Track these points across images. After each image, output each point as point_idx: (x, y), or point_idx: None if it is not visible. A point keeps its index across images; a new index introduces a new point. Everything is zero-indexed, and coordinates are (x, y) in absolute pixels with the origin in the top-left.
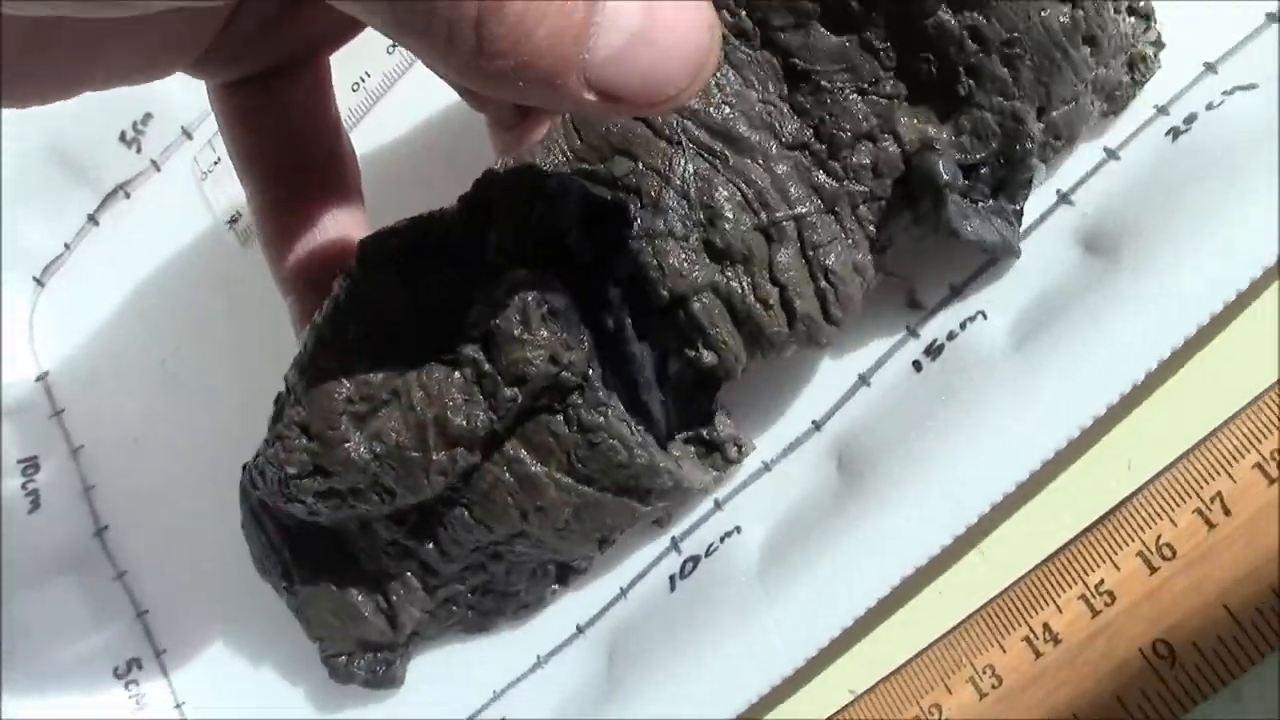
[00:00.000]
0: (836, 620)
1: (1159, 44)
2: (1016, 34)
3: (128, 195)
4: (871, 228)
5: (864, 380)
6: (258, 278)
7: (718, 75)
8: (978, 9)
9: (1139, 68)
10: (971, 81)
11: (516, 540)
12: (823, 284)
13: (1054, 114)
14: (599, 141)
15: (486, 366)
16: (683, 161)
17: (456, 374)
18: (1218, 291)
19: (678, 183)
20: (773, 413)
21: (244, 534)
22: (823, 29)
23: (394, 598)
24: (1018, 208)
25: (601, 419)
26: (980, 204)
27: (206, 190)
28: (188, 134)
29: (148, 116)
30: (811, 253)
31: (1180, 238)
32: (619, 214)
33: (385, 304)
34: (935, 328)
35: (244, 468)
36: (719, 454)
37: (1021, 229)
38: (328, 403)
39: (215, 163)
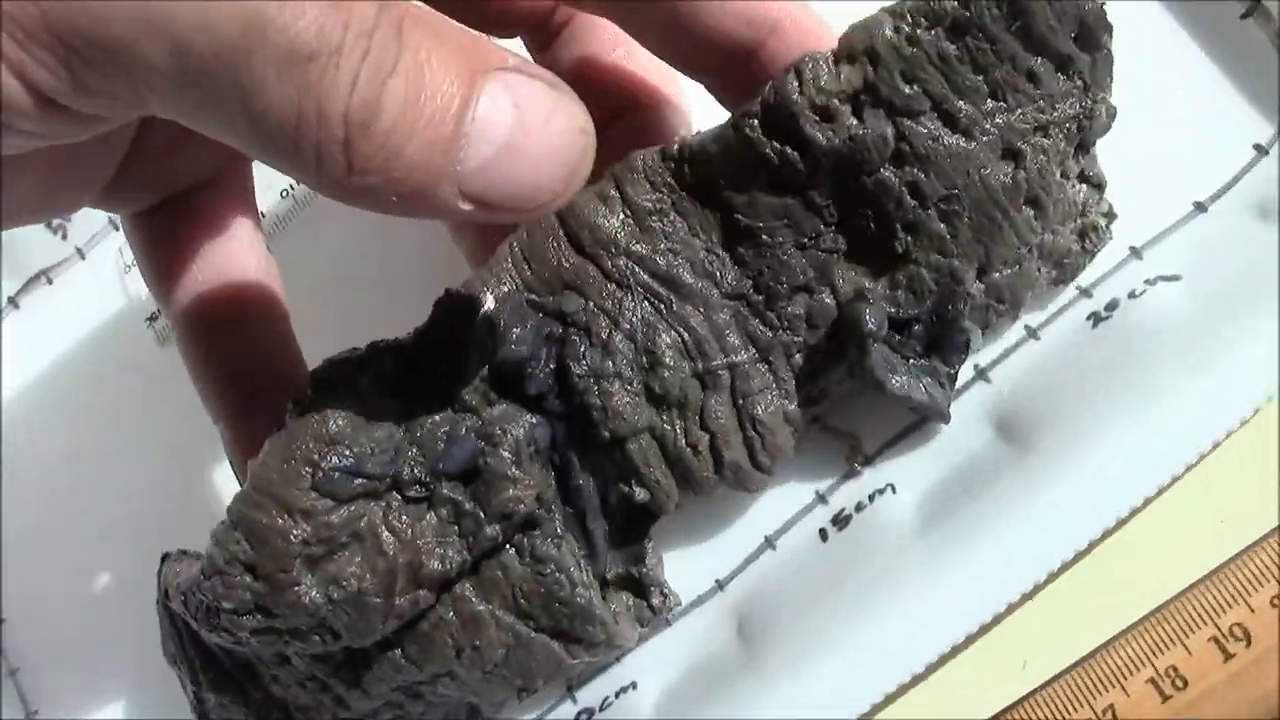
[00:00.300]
0: None
1: (1110, 215)
2: (955, 190)
3: (50, 281)
4: (803, 378)
5: (769, 543)
6: (173, 377)
7: (664, 223)
8: (918, 165)
9: (1090, 237)
10: (909, 238)
11: (441, 680)
12: (750, 433)
13: (995, 276)
14: (549, 275)
15: (467, 505)
16: (632, 305)
17: (430, 514)
18: (1122, 498)
19: (626, 326)
20: (681, 569)
21: (156, 612)
22: (764, 189)
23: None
24: (951, 370)
25: (555, 550)
26: (911, 360)
27: (128, 284)
28: (114, 225)
29: None
30: (741, 401)
31: (1091, 434)
32: (571, 351)
33: (342, 437)
34: (845, 496)
35: (164, 557)
36: (646, 603)
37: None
38: (281, 544)
39: None
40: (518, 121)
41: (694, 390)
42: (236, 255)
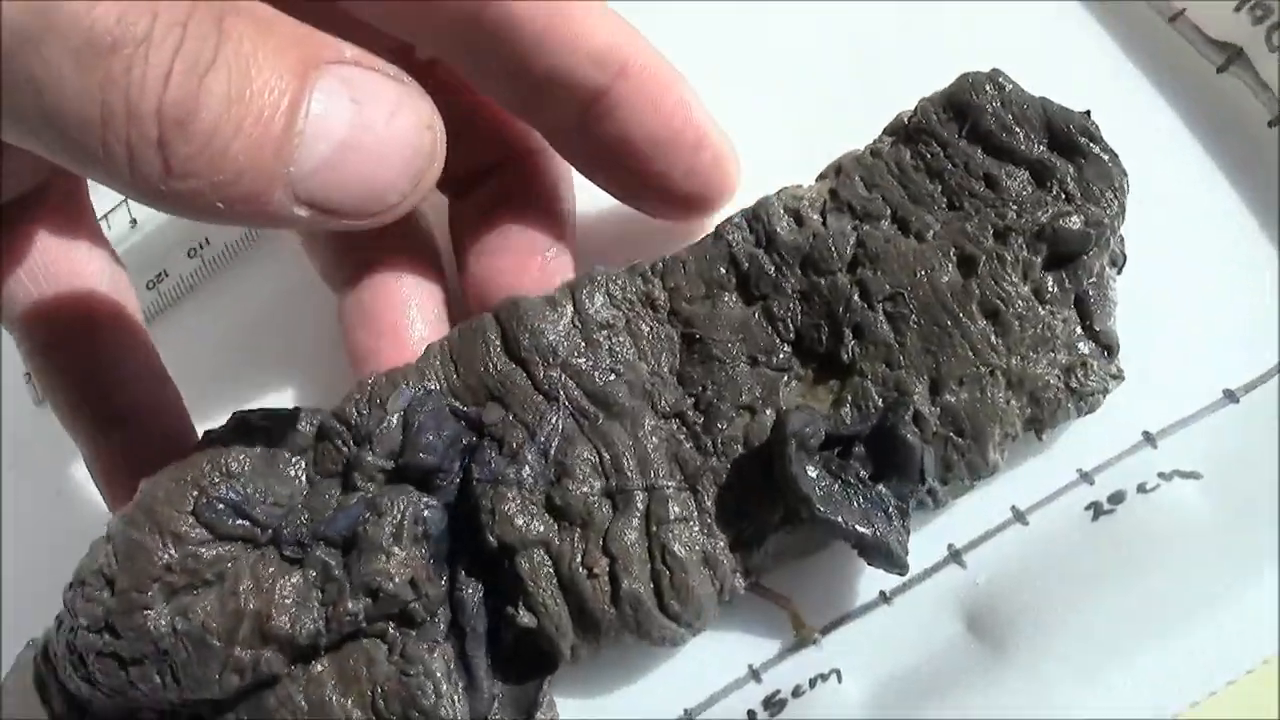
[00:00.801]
0: None
1: (1117, 376)
2: (902, 290)
3: None
4: (732, 514)
5: (689, 717)
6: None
7: (613, 340)
8: (869, 264)
9: (1077, 376)
10: (855, 345)
11: None
12: (659, 565)
13: (949, 398)
14: (476, 382)
15: (336, 572)
16: (554, 419)
17: (298, 574)
18: None
19: (541, 439)
20: None
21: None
22: (731, 298)
23: None
24: (903, 506)
25: (425, 654)
26: (853, 485)
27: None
28: None
29: None
30: (655, 528)
31: (1075, 656)
32: (478, 458)
33: (239, 474)
34: (781, 676)
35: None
36: None
37: (902, 583)
38: (144, 564)
39: None
40: (357, 117)
41: (602, 510)
42: (76, 267)
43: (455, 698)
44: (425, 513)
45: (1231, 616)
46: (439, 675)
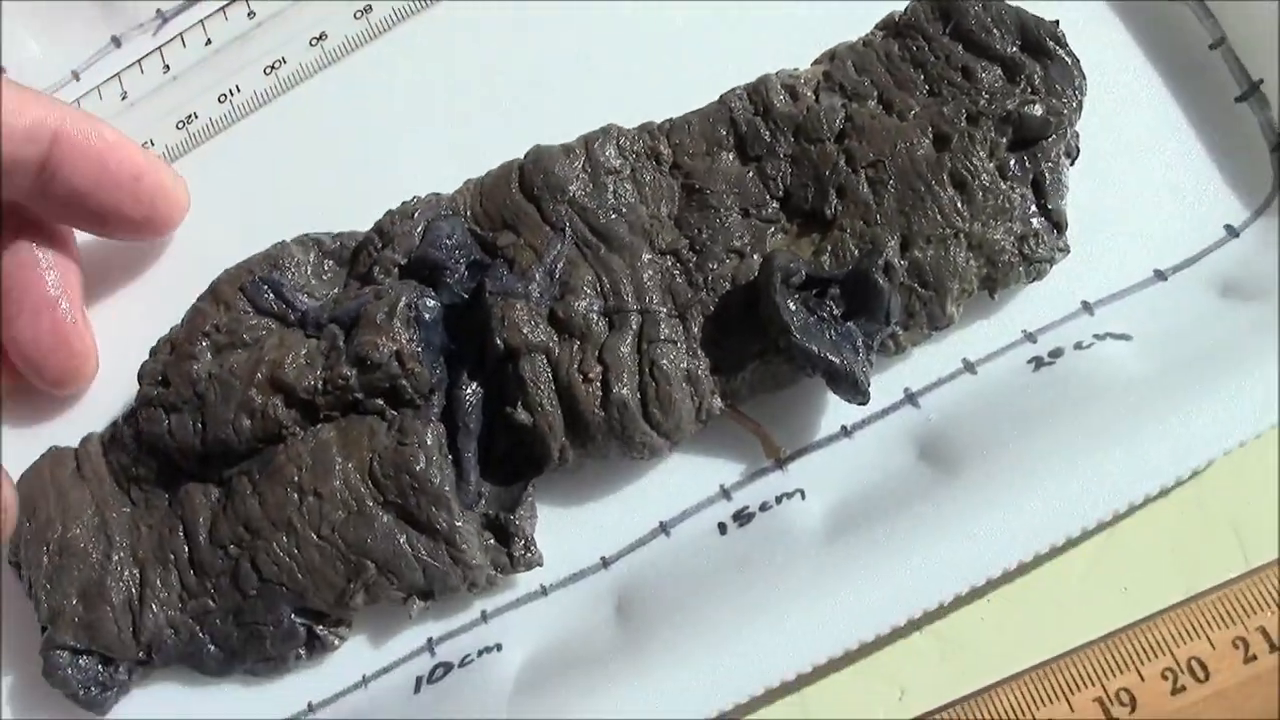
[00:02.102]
0: None
1: (1064, 249)
2: (884, 159)
3: None
4: (714, 339)
5: (664, 529)
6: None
7: (617, 184)
8: (855, 136)
9: (1029, 243)
10: (838, 203)
11: (277, 537)
12: (647, 377)
13: (917, 253)
14: (495, 211)
15: (340, 343)
16: (559, 245)
17: (313, 341)
18: (1035, 540)
19: (548, 261)
20: (567, 540)
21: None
22: (729, 156)
23: (147, 590)
24: (869, 341)
25: (420, 428)
26: (826, 320)
27: None
28: None
29: None
30: (646, 346)
31: (1018, 472)
32: (491, 273)
33: (285, 264)
34: (751, 494)
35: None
36: (507, 551)
37: (864, 418)
38: (199, 323)
39: None
40: None
41: (599, 325)
42: None
43: (444, 467)
44: (419, 300)
45: (1142, 444)
46: (430, 446)
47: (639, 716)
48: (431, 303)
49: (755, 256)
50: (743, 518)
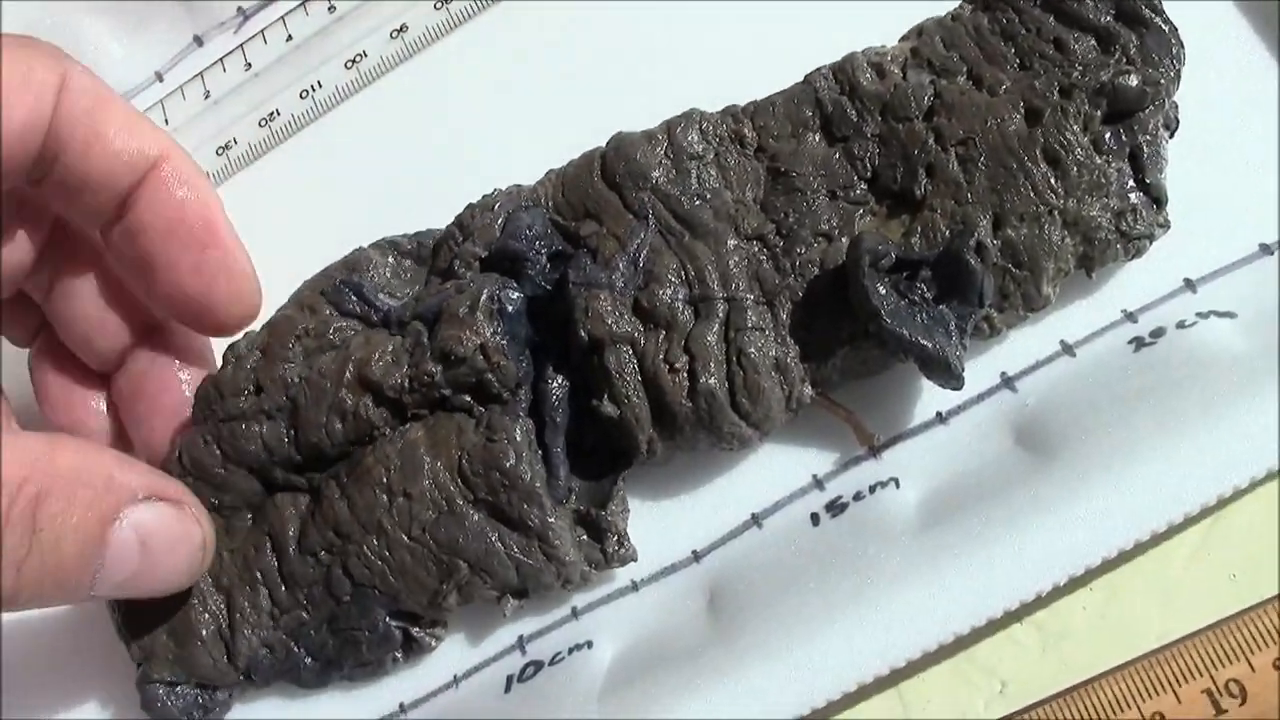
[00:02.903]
0: None
1: (1165, 224)
2: (974, 136)
3: None
4: (803, 325)
5: (756, 521)
6: None
7: (701, 169)
8: (944, 113)
9: (1126, 220)
10: (928, 182)
11: (368, 540)
12: (734, 367)
13: (1010, 232)
14: (577, 201)
15: (424, 339)
16: (642, 234)
17: (398, 339)
18: (1138, 526)
19: (631, 250)
20: (657, 535)
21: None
22: (815, 137)
23: (237, 616)
24: (962, 324)
25: (509, 424)
26: (916, 304)
27: None
28: None
29: None
30: (733, 334)
31: (1117, 458)
32: (574, 264)
33: (364, 267)
34: (844, 483)
35: None
36: (600, 547)
37: (958, 404)
38: (287, 328)
39: None
40: (143, 558)
41: (685, 314)
42: None
43: (534, 463)
44: (501, 292)
45: (1248, 426)
46: (520, 441)
47: (730, 714)
48: (514, 294)
49: (843, 239)
50: (836, 508)
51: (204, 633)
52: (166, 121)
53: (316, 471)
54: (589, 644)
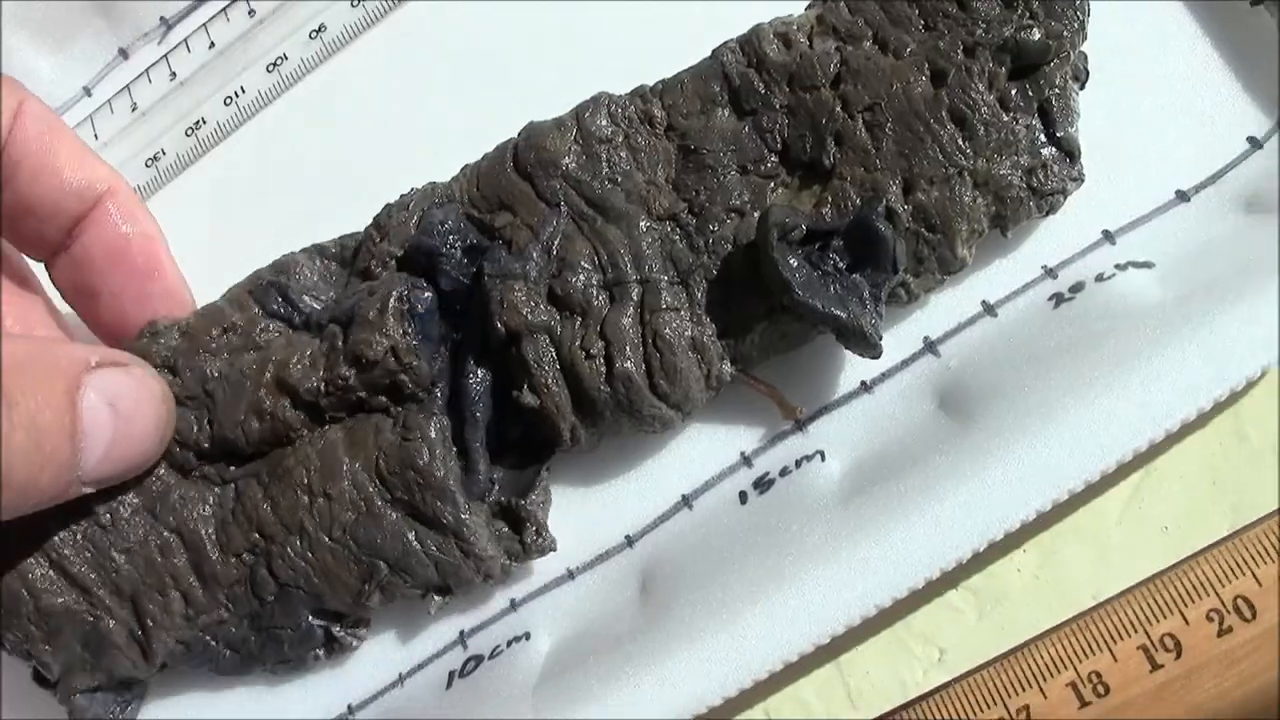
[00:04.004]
0: None
1: (1077, 177)
2: (880, 101)
3: None
4: (718, 303)
5: (687, 502)
6: None
7: (611, 152)
8: (850, 80)
9: (1038, 176)
10: (836, 150)
11: (291, 540)
12: (650, 348)
13: (920, 196)
14: (490, 194)
15: (339, 344)
16: (555, 221)
17: (317, 343)
18: (1064, 479)
19: (544, 238)
20: (590, 522)
21: None
22: (724, 113)
23: (149, 622)
24: (876, 292)
25: (423, 423)
26: (830, 271)
27: None
28: None
29: None
30: (648, 316)
31: (1039, 415)
32: (489, 256)
33: (289, 270)
34: (771, 459)
35: None
36: (519, 538)
37: (882, 371)
38: (214, 317)
39: None
40: (115, 421)
41: (599, 300)
42: None
43: (447, 460)
44: (411, 292)
45: (1170, 374)
46: (434, 439)
47: (657, 701)
48: (425, 294)
49: (756, 214)
50: (763, 484)
51: (119, 641)
52: (96, 136)
53: (228, 465)
54: (527, 635)
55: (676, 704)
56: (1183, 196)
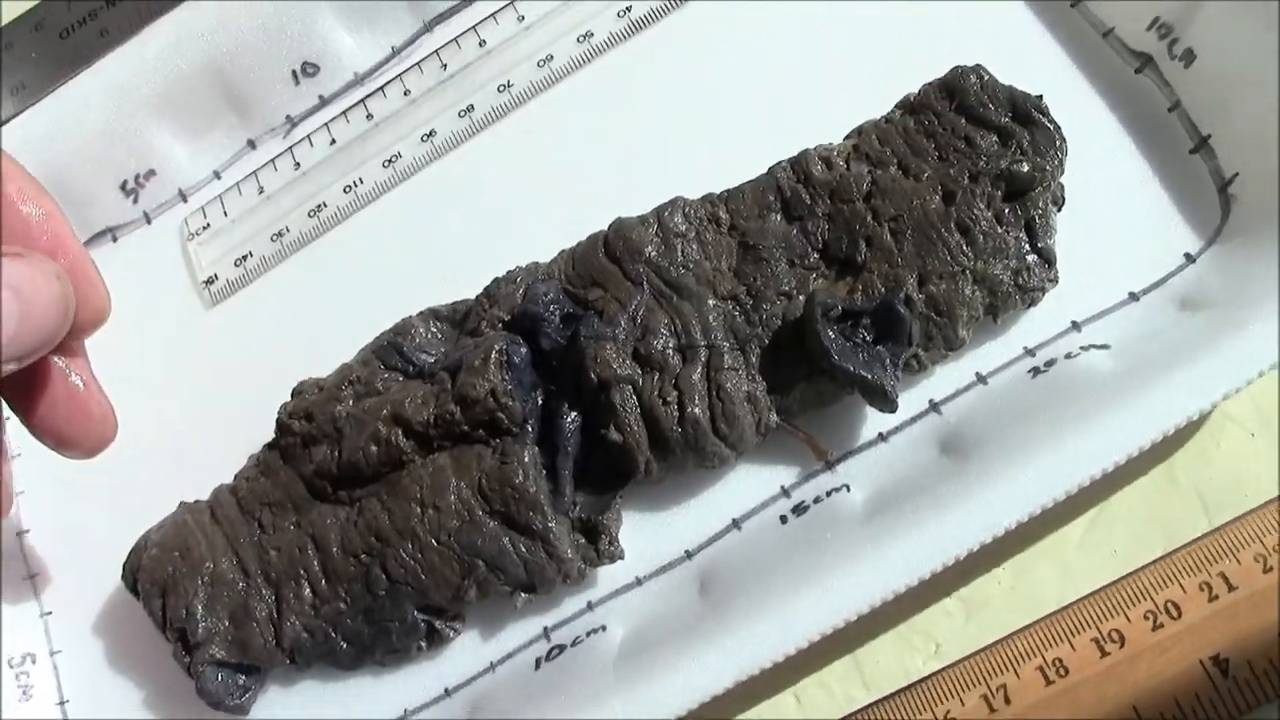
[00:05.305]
0: (672, 709)
1: (1054, 280)
2: (902, 214)
3: (115, 239)
4: (769, 366)
5: (736, 524)
6: (222, 336)
7: (685, 244)
8: (879, 196)
9: (1023, 276)
10: (867, 251)
11: (403, 544)
12: (715, 399)
13: (931, 288)
14: (585, 273)
15: (449, 386)
16: (639, 297)
17: (429, 386)
18: (1037, 499)
19: (630, 309)
20: (656, 540)
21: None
22: (777, 217)
23: (283, 605)
24: (895, 360)
25: (518, 449)
26: (859, 345)
27: (190, 250)
28: (182, 196)
29: (150, 173)
30: (714, 374)
31: (1017, 455)
32: (584, 322)
33: (407, 331)
34: (805, 491)
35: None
36: (594, 547)
37: (896, 425)
38: (343, 373)
39: (204, 227)
40: (16, 303)
41: (674, 359)
42: None
43: (539, 479)
44: (510, 346)
45: (1120, 424)
46: (527, 463)
47: (719, 665)
48: (521, 349)
49: (800, 297)
50: (800, 510)
51: (259, 616)
52: (225, 213)
53: (351, 489)
54: (603, 628)
55: (733, 669)
56: (1134, 297)
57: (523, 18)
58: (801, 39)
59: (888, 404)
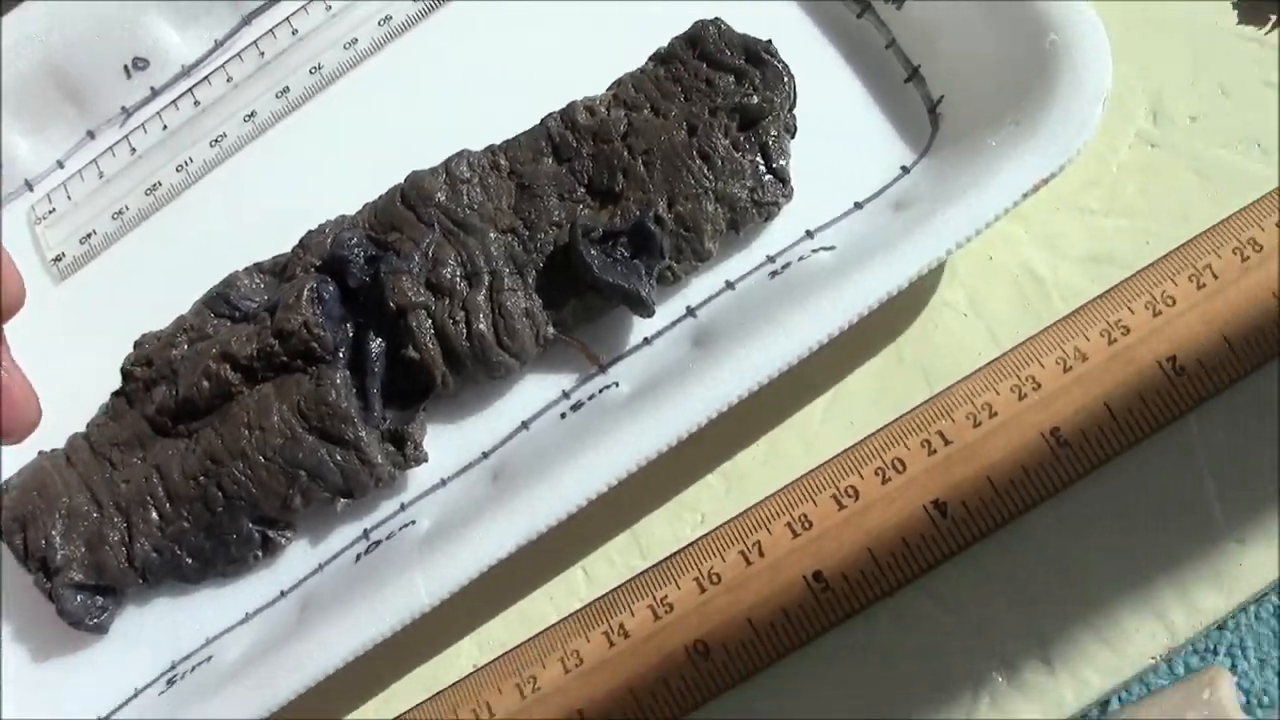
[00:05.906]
0: (465, 573)
1: (788, 195)
2: (653, 147)
3: None
4: (543, 286)
5: (525, 425)
6: (73, 309)
7: (469, 189)
8: (634, 135)
9: (758, 193)
10: (623, 181)
11: (235, 463)
12: (498, 316)
13: (679, 208)
14: (385, 220)
15: (268, 323)
16: (430, 236)
17: (250, 327)
18: (764, 371)
19: (423, 247)
20: (456, 445)
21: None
22: (548, 160)
23: (133, 530)
24: (649, 271)
25: (331, 374)
26: (617, 259)
27: (39, 233)
28: (29, 186)
29: None
30: (496, 295)
31: (750, 339)
32: (383, 260)
33: (236, 283)
34: (582, 392)
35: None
36: (401, 452)
37: (658, 330)
38: (179, 323)
39: (50, 211)
40: None
41: (461, 285)
42: None
43: (350, 397)
44: (319, 284)
45: (828, 306)
46: (339, 384)
47: (508, 527)
48: (331, 286)
49: (569, 226)
50: (577, 407)
51: (112, 540)
52: (69, 197)
53: (192, 421)
54: (413, 522)
55: (514, 535)
56: (859, 205)
57: (329, 7)
58: (569, 11)
59: (645, 309)
